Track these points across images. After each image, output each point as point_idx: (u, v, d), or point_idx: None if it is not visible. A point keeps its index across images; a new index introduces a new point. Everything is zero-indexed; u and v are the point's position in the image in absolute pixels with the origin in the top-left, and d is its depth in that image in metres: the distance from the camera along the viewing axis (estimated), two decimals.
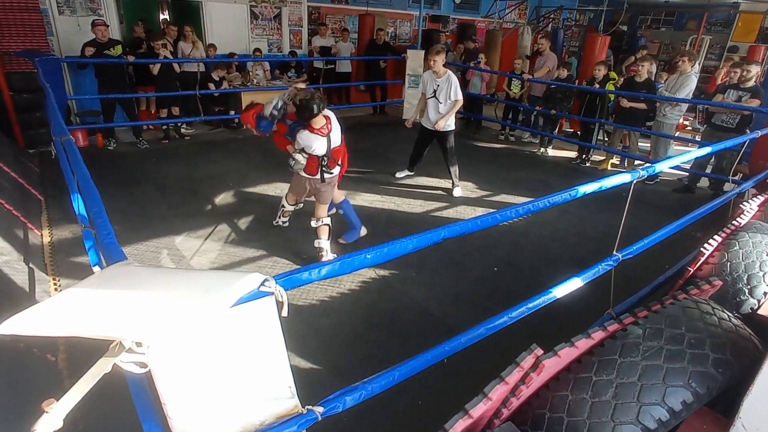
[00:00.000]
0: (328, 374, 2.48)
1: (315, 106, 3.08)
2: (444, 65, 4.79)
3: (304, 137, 3.23)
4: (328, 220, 3.56)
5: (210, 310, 0.97)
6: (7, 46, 5.70)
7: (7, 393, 1.92)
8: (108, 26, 5.84)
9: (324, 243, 3.55)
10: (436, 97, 4.83)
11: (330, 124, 3.28)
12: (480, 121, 8.29)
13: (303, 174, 3.44)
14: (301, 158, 3.36)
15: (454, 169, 5.17)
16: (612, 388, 1.37)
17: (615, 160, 6.65)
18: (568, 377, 1.47)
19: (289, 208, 3.90)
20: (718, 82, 7.20)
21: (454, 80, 4.78)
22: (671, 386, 1.33)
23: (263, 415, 1.17)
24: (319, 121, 3.20)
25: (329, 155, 3.33)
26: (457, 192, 5.18)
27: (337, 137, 3.35)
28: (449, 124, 5.00)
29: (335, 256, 3.59)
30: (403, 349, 2.62)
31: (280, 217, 4.00)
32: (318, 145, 3.24)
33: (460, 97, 4.85)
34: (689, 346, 1.42)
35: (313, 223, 3.54)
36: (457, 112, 9.18)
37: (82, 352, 1.65)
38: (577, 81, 7.16)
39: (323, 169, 3.36)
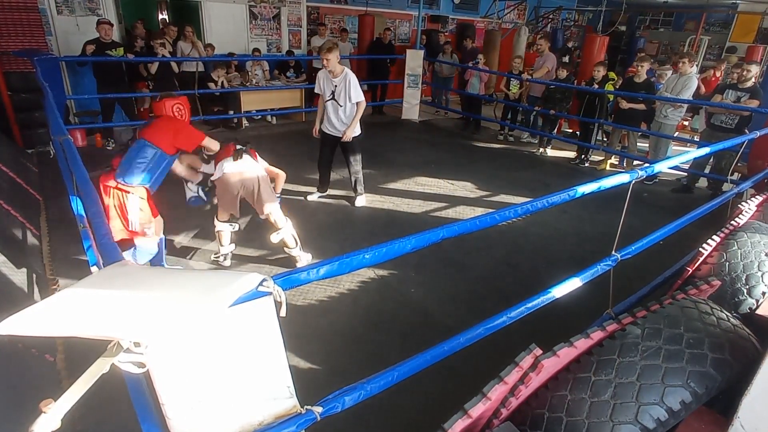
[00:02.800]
0: (327, 374, 2.47)
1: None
2: (340, 62, 4.30)
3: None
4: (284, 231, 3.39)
5: (208, 310, 0.97)
6: (6, 45, 5.70)
7: (5, 393, 1.91)
8: (113, 25, 5.84)
9: (294, 251, 3.48)
10: (335, 99, 4.29)
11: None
12: (479, 121, 8.31)
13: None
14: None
15: (359, 177, 4.68)
16: (611, 388, 1.37)
17: (614, 160, 6.66)
18: (567, 377, 1.47)
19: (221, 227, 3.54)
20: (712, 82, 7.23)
21: (353, 79, 4.26)
22: (670, 386, 1.33)
23: (262, 415, 1.17)
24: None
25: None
26: (360, 201, 4.72)
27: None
28: (355, 130, 4.48)
29: (310, 255, 3.58)
30: (402, 349, 2.62)
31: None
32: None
33: (362, 98, 4.32)
34: (688, 346, 1.42)
35: (273, 238, 3.36)
36: (457, 112, 9.17)
37: (80, 353, 1.65)
38: (576, 81, 7.17)
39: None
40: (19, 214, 3.59)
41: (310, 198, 4.82)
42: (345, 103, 4.30)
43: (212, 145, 3.28)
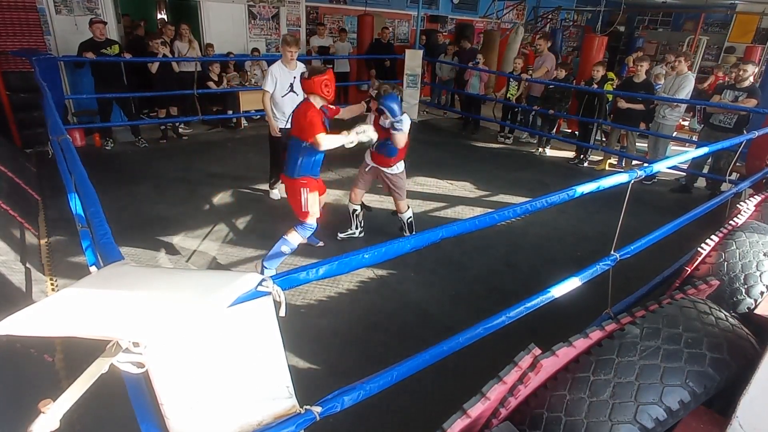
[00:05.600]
0: (326, 374, 2.47)
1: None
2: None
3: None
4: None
5: (207, 310, 0.97)
6: (4, 45, 5.68)
7: (4, 393, 1.91)
8: (106, 24, 5.83)
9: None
10: (294, 91, 4.34)
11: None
12: (478, 121, 8.30)
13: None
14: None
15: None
16: (610, 388, 1.37)
17: (613, 160, 6.67)
18: (566, 377, 1.47)
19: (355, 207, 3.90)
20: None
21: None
22: (669, 386, 1.34)
23: (261, 415, 1.17)
24: None
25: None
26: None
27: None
28: None
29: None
30: (401, 349, 2.62)
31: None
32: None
33: None
34: (686, 346, 1.43)
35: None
36: (456, 112, 9.17)
37: (79, 353, 1.64)
38: (575, 81, 7.18)
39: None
40: (18, 214, 3.59)
41: (272, 195, 4.80)
42: (301, 94, 4.31)
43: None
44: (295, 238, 3.19)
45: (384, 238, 1.45)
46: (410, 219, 3.88)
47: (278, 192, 4.77)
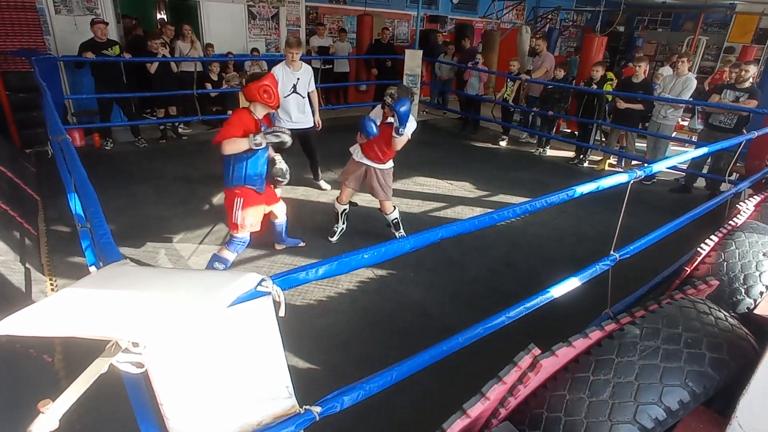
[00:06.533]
0: (325, 374, 2.47)
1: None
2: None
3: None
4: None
5: (207, 310, 0.97)
6: (4, 45, 5.68)
7: (3, 394, 1.91)
8: (107, 24, 5.83)
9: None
10: (297, 92, 4.45)
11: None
12: (478, 121, 8.30)
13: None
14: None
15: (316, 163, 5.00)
16: (609, 388, 1.37)
17: (612, 161, 6.67)
18: (565, 377, 1.47)
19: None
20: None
21: (311, 70, 4.60)
22: (668, 386, 1.34)
23: (261, 416, 1.16)
24: None
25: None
26: (325, 184, 5.05)
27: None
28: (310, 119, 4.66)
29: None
30: (401, 349, 2.62)
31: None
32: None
33: (314, 87, 4.65)
34: (686, 346, 1.43)
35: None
36: (455, 112, 9.18)
37: (78, 353, 1.64)
38: (574, 81, 7.18)
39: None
40: (17, 214, 3.59)
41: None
42: (305, 95, 4.50)
43: None
44: (227, 255, 3.10)
45: (383, 238, 1.45)
46: (396, 219, 3.81)
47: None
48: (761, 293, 2.09)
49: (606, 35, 7.94)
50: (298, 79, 4.42)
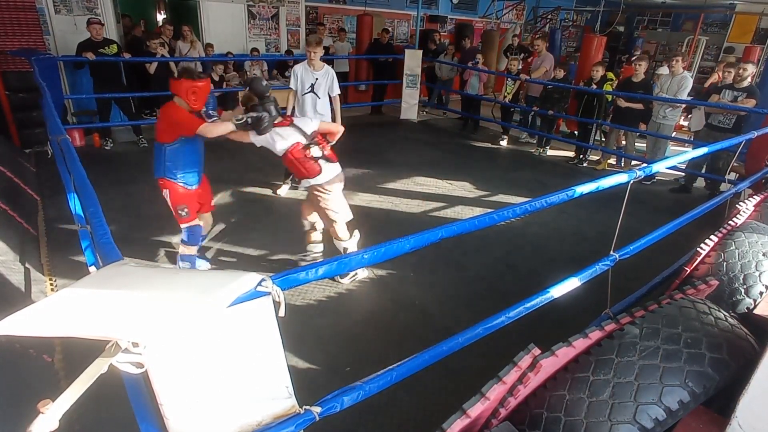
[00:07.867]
0: (325, 374, 2.47)
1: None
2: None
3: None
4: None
5: (207, 310, 0.97)
6: (4, 45, 5.67)
7: (3, 394, 1.91)
8: (103, 25, 5.83)
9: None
10: (315, 92, 4.43)
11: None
12: (478, 121, 8.31)
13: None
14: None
15: None
16: (609, 388, 1.37)
17: (612, 161, 6.67)
18: (565, 377, 1.47)
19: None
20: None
21: (333, 73, 4.52)
22: (668, 386, 1.34)
23: (261, 416, 1.16)
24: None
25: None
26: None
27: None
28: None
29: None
30: (400, 349, 2.61)
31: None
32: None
33: (339, 91, 4.59)
34: (686, 346, 1.43)
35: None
36: (455, 112, 9.18)
37: (78, 353, 1.64)
38: (574, 81, 7.18)
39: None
40: (17, 214, 3.59)
41: (280, 192, 4.87)
42: (324, 95, 4.50)
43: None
44: (185, 250, 3.05)
45: (382, 238, 1.45)
46: (347, 248, 3.32)
47: (285, 190, 4.91)
48: (761, 293, 2.09)
49: (606, 35, 7.94)
50: (317, 79, 4.40)
